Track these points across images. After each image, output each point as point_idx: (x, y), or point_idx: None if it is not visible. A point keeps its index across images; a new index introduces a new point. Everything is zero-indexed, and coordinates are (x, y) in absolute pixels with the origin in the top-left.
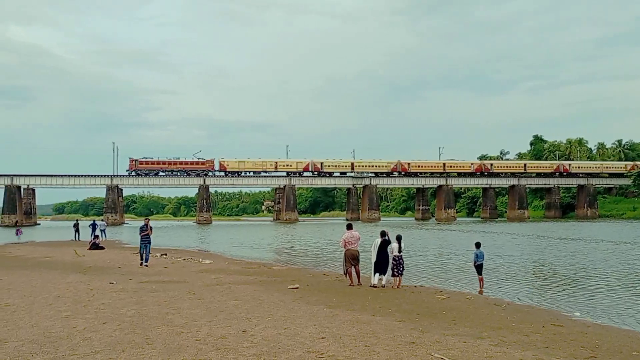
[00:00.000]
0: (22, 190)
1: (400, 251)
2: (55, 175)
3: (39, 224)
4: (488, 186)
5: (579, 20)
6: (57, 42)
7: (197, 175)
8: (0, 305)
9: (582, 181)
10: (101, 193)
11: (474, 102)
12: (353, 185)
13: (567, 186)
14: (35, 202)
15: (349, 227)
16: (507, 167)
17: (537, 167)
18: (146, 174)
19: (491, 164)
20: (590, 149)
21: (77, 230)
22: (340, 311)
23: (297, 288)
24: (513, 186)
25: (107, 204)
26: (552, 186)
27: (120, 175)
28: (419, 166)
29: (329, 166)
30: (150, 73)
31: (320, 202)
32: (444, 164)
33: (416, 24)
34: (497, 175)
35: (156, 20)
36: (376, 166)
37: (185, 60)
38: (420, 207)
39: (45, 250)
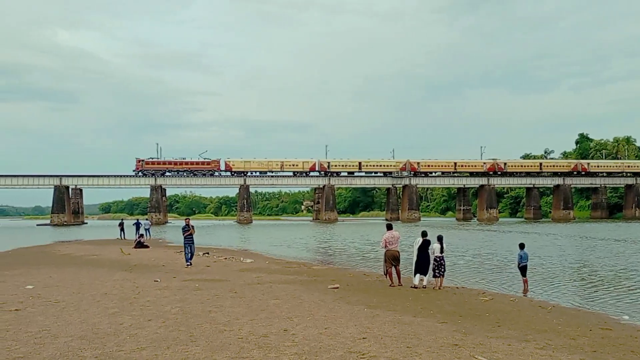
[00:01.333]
0: (70, 190)
1: (442, 252)
2: (101, 176)
3: (86, 223)
4: (532, 186)
5: (624, 15)
6: (102, 46)
7: (203, 175)
8: (51, 301)
9: (630, 180)
10: (145, 193)
11: (516, 100)
12: (393, 185)
13: (615, 186)
14: (83, 202)
15: (389, 227)
16: (521, 166)
17: (554, 166)
18: (152, 174)
19: (505, 163)
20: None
21: (122, 229)
22: (381, 312)
23: (337, 288)
24: (558, 186)
25: (151, 203)
26: (599, 186)
27: (163, 176)
28: (428, 165)
29: (335, 166)
30: (192, 75)
31: (359, 202)
32: (455, 164)
33: (455, 22)
34: (540, 174)
35: (196, 23)
36: (384, 166)
37: (225, 61)
38: (462, 207)
39: (92, 249)
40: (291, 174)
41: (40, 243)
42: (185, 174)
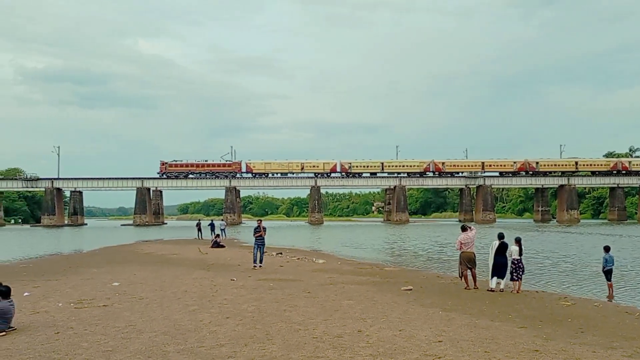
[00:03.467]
0: (151, 192)
1: (520, 254)
2: (179, 178)
3: (166, 224)
4: (616, 185)
5: None
6: (179, 53)
7: (225, 177)
8: (135, 298)
9: None
10: (220, 194)
11: (597, 96)
12: (466, 185)
13: None
14: (163, 203)
15: (465, 228)
16: (555, 165)
17: (591, 165)
18: (176, 176)
19: (537, 162)
20: None
21: (199, 230)
22: (457, 315)
23: (410, 290)
24: None
25: (226, 204)
26: None
27: (238, 177)
28: (454, 165)
29: (357, 167)
30: (265, 79)
31: (431, 203)
32: (483, 163)
33: (531, 16)
34: (575, 174)
35: (269, 28)
36: (408, 166)
37: (296, 65)
38: (540, 208)
39: (172, 248)
40: (312, 174)
41: (124, 242)
42: (207, 176)
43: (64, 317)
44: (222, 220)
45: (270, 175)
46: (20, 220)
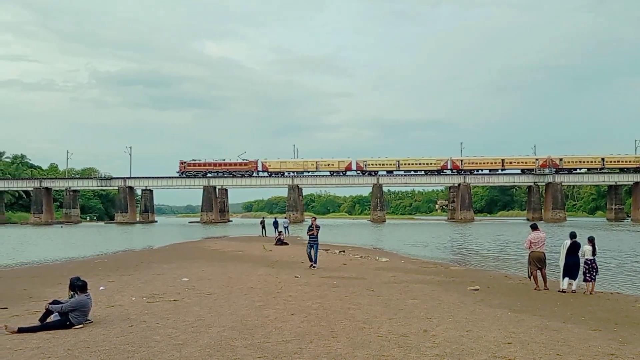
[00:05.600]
0: (217, 190)
1: (594, 254)
2: (242, 177)
3: (231, 221)
4: None
5: None
6: (245, 54)
7: (242, 175)
8: (204, 293)
9: None
10: (283, 192)
11: None
12: (534, 182)
13: None
14: (228, 201)
15: (534, 227)
16: (579, 162)
17: (619, 161)
18: (194, 175)
19: (560, 159)
20: None
21: (263, 227)
22: (526, 316)
23: (477, 290)
24: None
25: (289, 202)
26: None
27: (300, 176)
28: (472, 163)
29: (372, 165)
30: (327, 78)
31: (497, 201)
32: (503, 160)
33: (603, 6)
34: (601, 171)
35: (330, 27)
36: (425, 164)
37: (358, 62)
38: (613, 207)
39: (237, 245)
40: (328, 173)
41: (192, 239)
42: (224, 175)
43: (137, 310)
44: (285, 218)
45: (286, 174)
46: (95, 218)
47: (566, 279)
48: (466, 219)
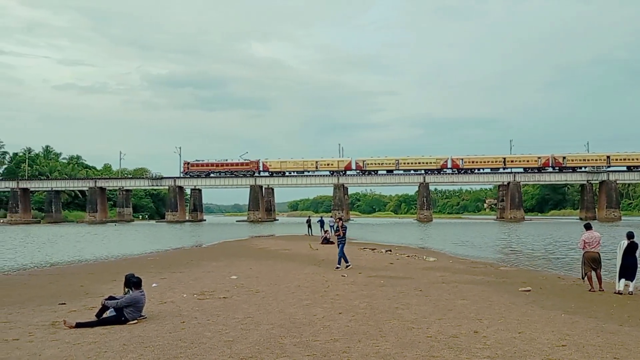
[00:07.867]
0: (263, 189)
1: None
2: (290, 176)
3: (277, 220)
4: None
5: None
6: (290, 54)
7: (244, 175)
8: (252, 291)
9: None
10: (329, 191)
11: None
12: (587, 181)
13: None
14: (274, 200)
15: (588, 227)
16: (584, 160)
17: (626, 159)
18: (197, 175)
19: (563, 157)
20: None
21: (309, 226)
22: (581, 318)
23: (529, 290)
24: None
25: (334, 201)
26: None
27: (346, 175)
28: (473, 162)
29: (371, 164)
30: (373, 76)
31: (548, 200)
32: (504, 159)
33: None
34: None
35: (376, 25)
36: (425, 163)
37: (405, 60)
38: None
39: (284, 244)
40: (328, 173)
41: (239, 237)
42: (227, 175)
43: (189, 307)
44: (331, 217)
45: (287, 173)
46: (146, 216)
47: (622, 280)
48: (516, 218)
